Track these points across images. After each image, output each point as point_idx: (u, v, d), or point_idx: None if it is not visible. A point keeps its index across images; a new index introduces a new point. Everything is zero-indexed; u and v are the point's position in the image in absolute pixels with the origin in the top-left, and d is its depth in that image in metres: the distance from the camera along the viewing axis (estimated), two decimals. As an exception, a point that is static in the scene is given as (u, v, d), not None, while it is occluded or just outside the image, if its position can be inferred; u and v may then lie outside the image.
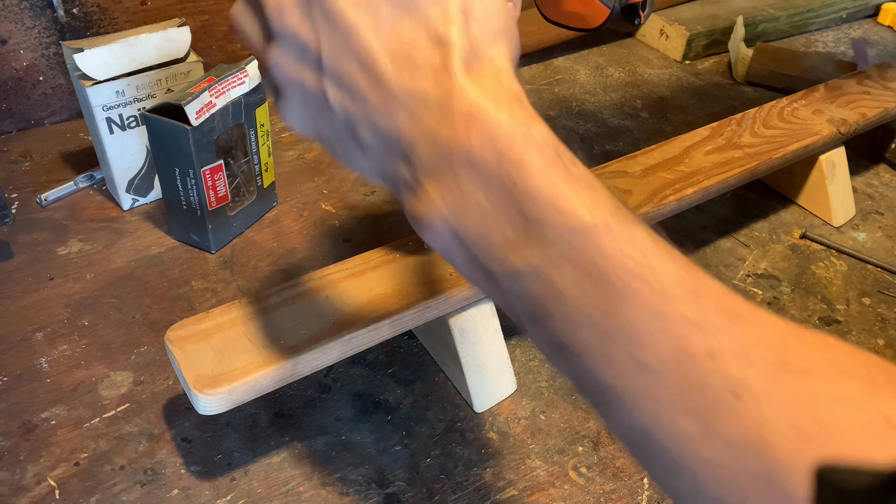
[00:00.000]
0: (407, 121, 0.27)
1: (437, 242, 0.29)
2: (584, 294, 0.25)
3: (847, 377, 0.24)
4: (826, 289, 0.67)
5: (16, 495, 0.46)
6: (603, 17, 0.51)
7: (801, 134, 0.69)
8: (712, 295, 0.25)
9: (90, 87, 0.61)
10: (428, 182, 0.27)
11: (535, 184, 0.26)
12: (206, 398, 0.42)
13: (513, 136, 0.26)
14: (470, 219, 0.27)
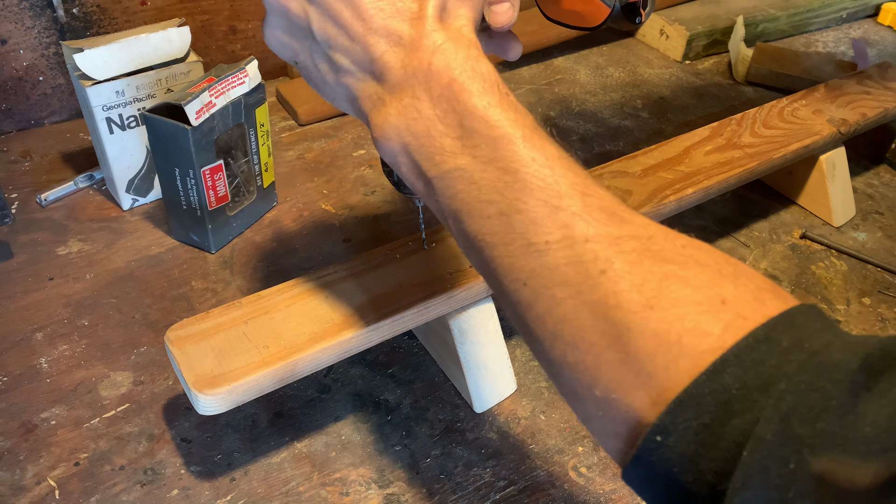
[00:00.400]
0: (383, 50, 0.34)
1: (388, 151, 0.35)
2: (496, 190, 0.32)
3: (698, 266, 0.29)
4: (826, 289, 0.67)
5: (16, 495, 0.46)
6: (603, 15, 0.51)
7: (801, 134, 0.69)
8: (599, 198, 0.31)
9: (90, 87, 0.61)
10: (391, 99, 0.34)
11: (474, 102, 0.32)
12: (206, 398, 0.42)
13: (464, 66, 0.33)
14: (418, 128, 0.33)
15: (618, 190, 0.59)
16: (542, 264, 0.31)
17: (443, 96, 0.33)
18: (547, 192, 0.31)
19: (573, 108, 0.91)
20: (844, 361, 0.25)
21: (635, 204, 0.58)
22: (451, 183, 0.33)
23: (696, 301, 0.28)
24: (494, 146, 0.32)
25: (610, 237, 0.30)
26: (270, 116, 0.83)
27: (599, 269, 0.29)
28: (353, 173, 0.77)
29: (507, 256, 0.32)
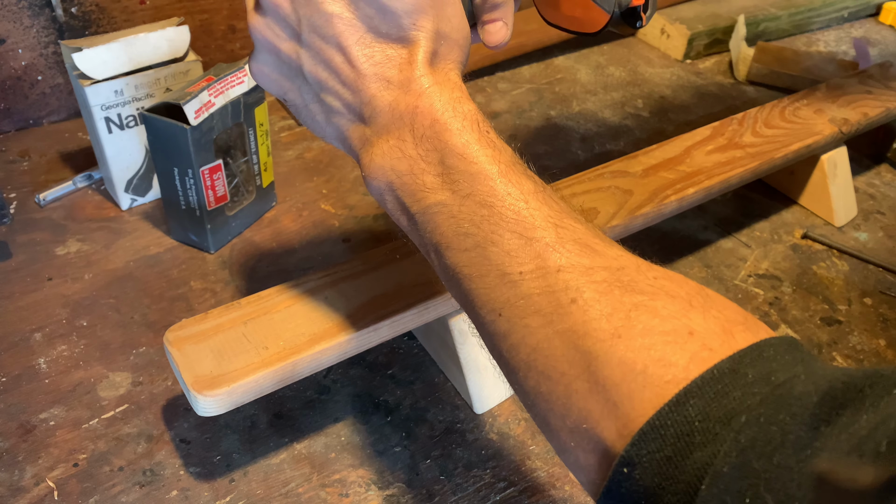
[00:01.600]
0: (372, 95, 0.35)
1: (375, 189, 0.36)
2: (474, 223, 0.33)
3: (668, 297, 0.29)
4: (827, 289, 0.66)
5: (14, 496, 0.46)
6: (603, 21, 0.51)
7: (802, 133, 0.68)
8: (572, 230, 0.32)
9: (89, 86, 0.61)
10: (378, 140, 0.36)
11: (454, 140, 0.34)
12: (205, 399, 0.42)
13: (445, 108, 0.35)
14: (402, 167, 0.35)
15: (619, 190, 0.59)
16: (516, 294, 0.31)
17: (425, 136, 0.34)
18: (521, 225, 0.32)
19: (574, 107, 0.91)
20: (806, 394, 0.25)
21: (636, 204, 0.57)
22: (431, 217, 0.34)
23: (663, 331, 0.28)
24: (472, 181, 0.33)
25: (581, 267, 0.31)
26: (270, 116, 0.83)
27: (570, 299, 0.30)
28: (353, 173, 0.76)
29: (483, 288, 0.33)
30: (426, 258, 0.37)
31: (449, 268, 0.34)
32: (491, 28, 0.41)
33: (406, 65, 0.35)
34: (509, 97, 0.92)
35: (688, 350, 0.27)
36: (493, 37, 0.41)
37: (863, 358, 0.60)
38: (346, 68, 0.35)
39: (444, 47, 0.36)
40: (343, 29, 0.34)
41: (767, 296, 0.65)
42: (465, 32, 0.37)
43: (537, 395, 0.31)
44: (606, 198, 0.58)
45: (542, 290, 0.31)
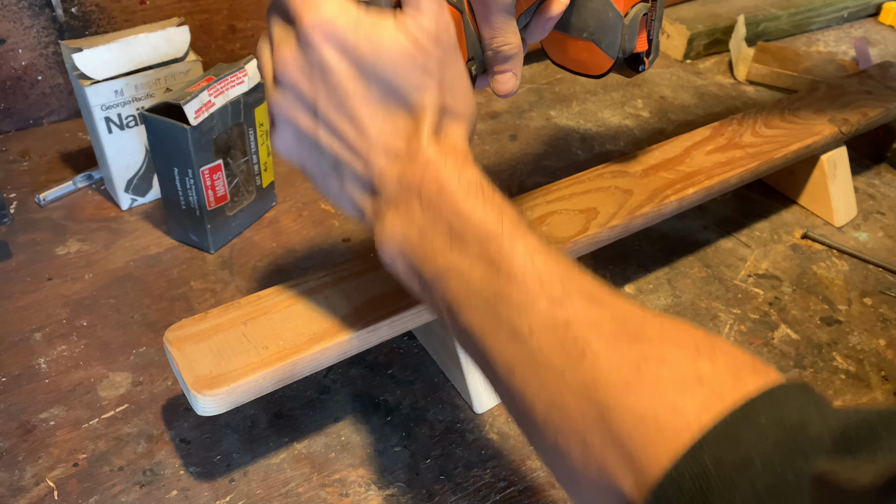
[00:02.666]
0: (381, 167, 0.37)
1: (387, 257, 0.38)
2: (483, 282, 0.34)
3: (675, 345, 0.30)
4: (827, 289, 0.66)
5: (14, 496, 0.46)
6: (607, 66, 0.53)
7: (802, 134, 0.68)
8: (578, 283, 0.33)
9: (89, 86, 0.61)
10: (388, 209, 0.37)
11: (460, 206, 0.35)
12: (205, 399, 0.42)
13: (450, 176, 0.36)
14: (412, 234, 0.36)
15: (618, 190, 0.59)
16: (527, 349, 0.32)
17: (432, 202, 0.36)
18: (529, 281, 0.33)
19: (573, 107, 0.91)
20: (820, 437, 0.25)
21: (636, 204, 0.58)
22: (442, 279, 0.36)
23: (673, 379, 0.28)
24: (479, 243, 0.35)
25: (589, 320, 0.31)
26: (270, 116, 0.83)
27: (580, 352, 0.30)
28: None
29: (496, 346, 0.33)
30: (441, 321, 0.37)
31: (462, 328, 0.35)
32: (501, 79, 0.44)
33: (413, 137, 0.37)
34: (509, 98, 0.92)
35: (698, 397, 0.27)
36: (503, 86, 0.44)
37: (862, 358, 0.60)
38: (358, 142, 0.37)
39: (449, 118, 0.38)
40: (356, 105, 0.36)
41: (767, 296, 0.65)
42: (470, 105, 0.39)
43: (556, 451, 0.31)
44: (606, 198, 0.58)
45: (553, 345, 0.31)
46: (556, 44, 0.54)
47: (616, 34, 0.51)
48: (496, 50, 0.43)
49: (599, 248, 0.57)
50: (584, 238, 0.54)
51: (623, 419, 0.28)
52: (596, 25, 0.51)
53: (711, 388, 0.27)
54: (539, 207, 0.57)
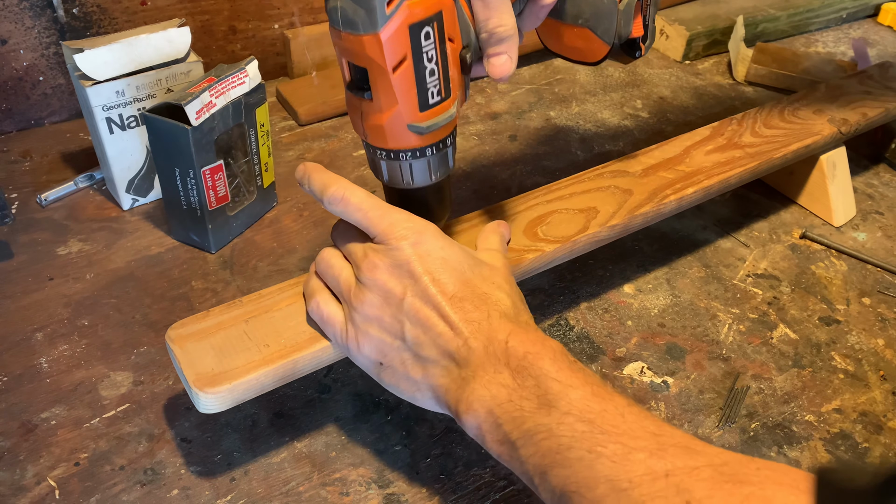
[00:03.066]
0: (466, 338, 0.41)
1: (473, 422, 0.40)
2: (576, 439, 0.35)
3: (775, 485, 0.31)
4: (826, 289, 0.67)
5: (15, 495, 0.46)
6: (603, 52, 0.52)
7: (801, 134, 0.69)
8: (670, 436, 0.34)
9: (90, 87, 0.61)
10: (474, 376, 0.40)
11: (547, 367, 0.38)
12: (207, 397, 0.42)
13: (535, 340, 0.40)
14: (501, 396, 0.38)
15: (618, 189, 0.59)
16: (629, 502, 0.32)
17: (521, 366, 0.39)
18: (624, 437, 0.34)
19: (573, 108, 0.91)
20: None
21: (636, 203, 0.58)
22: (532, 439, 0.37)
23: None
24: (569, 401, 0.36)
25: (687, 468, 0.32)
26: (270, 116, 0.83)
27: (684, 501, 0.31)
28: (353, 173, 0.77)
29: (593, 501, 0.34)
30: (529, 486, 0.38)
31: (556, 488, 0.36)
32: (496, 61, 0.44)
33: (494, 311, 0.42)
34: (509, 98, 0.92)
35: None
36: (497, 69, 0.44)
37: (861, 357, 0.60)
38: (441, 323, 0.41)
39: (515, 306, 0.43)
40: (438, 295, 0.41)
41: (766, 296, 0.65)
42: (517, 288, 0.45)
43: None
44: (606, 197, 0.58)
45: (654, 496, 0.32)
46: (551, 32, 0.54)
47: (611, 20, 0.51)
48: (491, 31, 0.42)
49: (599, 247, 0.57)
50: (584, 237, 0.55)
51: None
52: (591, 12, 0.50)
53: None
54: (539, 207, 0.57)
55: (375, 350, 0.43)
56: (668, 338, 0.60)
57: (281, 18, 0.90)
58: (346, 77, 0.42)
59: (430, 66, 0.41)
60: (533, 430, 0.37)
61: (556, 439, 0.36)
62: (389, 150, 0.44)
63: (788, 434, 0.53)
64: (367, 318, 0.43)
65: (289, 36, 0.89)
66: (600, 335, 0.60)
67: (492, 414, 0.38)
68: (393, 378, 0.43)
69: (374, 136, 0.43)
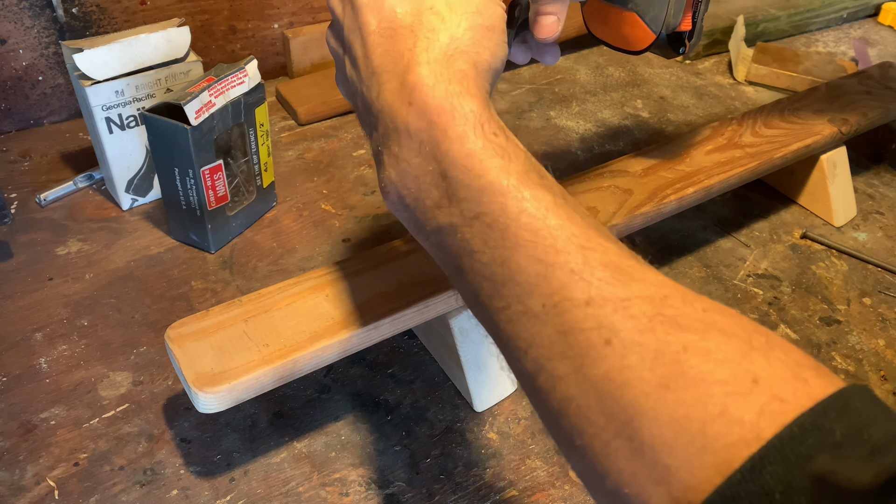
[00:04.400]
0: (377, 92, 0.31)
1: (390, 204, 0.33)
2: (487, 247, 0.28)
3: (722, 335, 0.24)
4: (827, 289, 0.66)
5: (15, 496, 0.46)
6: (648, 41, 0.51)
7: (802, 134, 0.69)
8: (602, 252, 0.27)
9: (89, 86, 0.61)
10: (383, 149, 0.32)
11: (455, 149, 0.29)
12: (206, 396, 0.42)
13: (443, 106, 0.29)
14: (409, 182, 0.31)
15: (618, 189, 0.59)
16: (540, 332, 0.27)
17: (423, 143, 0.30)
18: (540, 248, 0.27)
19: (573, 107, 0.91)
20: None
21: (636, 203, 0.58)
22: (443, 239, 0.30)
23: (721, 379, 0.23)
24: (479, 198, 0.29)
25: (615, 299, 0.26)
26: (270, 116, 0.83)
27: (603, 339, 0.25)
28: (353, 173, 0.77)
29: (505, 322, 0.28)
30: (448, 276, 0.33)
31: (468, 296, 0.31)
32: (545, 21, 0.39)
33: (408, 52, 0.31)
34: (509, 97, 0.92)
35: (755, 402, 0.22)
36: (545, 29, 0.39)
37: (862, 358, 0.60)
38: (363, 63, 0.32)
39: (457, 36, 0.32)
40: (367, 19, 0.32)
41: (766, 296, 0.65)
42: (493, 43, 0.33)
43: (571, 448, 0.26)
44: (606, 197, 0.58)
45: (570, 328, 0.26)
46: (597, 14, 0.52)
47: (661, 7, 0.49)
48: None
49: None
50: (584, 237, 0.54)
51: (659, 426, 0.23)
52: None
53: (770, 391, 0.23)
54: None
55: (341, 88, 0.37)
56: (669, 338, 0.60)
57: (280, 18, 0.90)
58: None
59: None
60: (442, 230, 0.30)
61: (466, 245, 0.29)
62: None
63: (789, 434, 0.53)
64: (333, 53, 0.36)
65: (288, 36, 0.89)
66: (600, 335, 0.60)
67: (403, 202, 0.31)
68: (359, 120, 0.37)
69: None
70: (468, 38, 0.32)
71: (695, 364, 0.24)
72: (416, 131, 0.30)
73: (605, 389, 0.25)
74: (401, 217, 0.33)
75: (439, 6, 0.32)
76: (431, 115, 0.29)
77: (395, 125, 0.31)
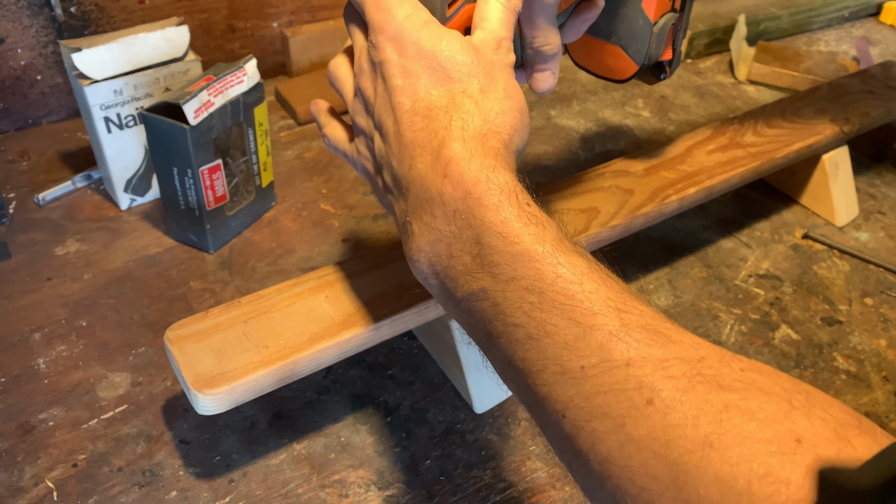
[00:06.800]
0: (409, 164, 0.33)
1: (419, 273, 0.34)
2: (522, 311, 0.29)
3: (762, 394, 0.25)
4: (828, 289, 0.66)
5: (13, 497, 0.46)
6: (631, 71, 0.54)
7: (803, 133, 0.68)
8: (638, 315, 0.28)
9: (88, 86, 0.61)
10: (414, 219, 0.33)
11: (490, 217, 0.31)
12: (206, 398, 0.42)
13: (478, 178, 0.31)
14: (441, 248, 0.32)
15: (619, 189, 0.59)
16: (579, 393, 0.27)
17: (458, 212, 0.31)
18: (578, 311, 0.28)
19: (574, 107, 0.91)
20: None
21: (637, 203, 0.57)
22: (475, 305, 0.31)
23: (764, 439, 0.23)
24: (515, 264, 0.30)
25: (655, 360, 0.26)
26: (269, 115, 0.83)
27: (645, 399, 0.26)
28: (353, 173, 0.76)
29: (541, 385, 0.29)
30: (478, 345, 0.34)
31: (501, 361, 0.31)
32: (540, 77, 0.43)
33: (443, 130, 0.33)
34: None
35: (800, 463, 0.22)
36: (541, 84, 0.43)
37: (863, 358, 0.60)
38: (394, 139, 0.34)
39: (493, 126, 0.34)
40: (401, 100, 0.34)
41: (768, 296, 0.65)
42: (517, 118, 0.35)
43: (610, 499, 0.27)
44: (607, 197, 0.58)
45: (610, 389, 0.26)
46: (583, 47, 0.55)
47: (644, 41, 0.52)
48: (537, 49, 0.42)
49: (600, 247, 0.57)
50: (585, 237, 0.54)
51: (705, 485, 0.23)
52: (626, 31, 0.52)
53: (814, 452, 0.23)
54: (539, 207, 0.57)
55: (361, 167, 0.39)
56: (670, 338, 0.60)
57: (280, 17, 0.90)
58: None
59: None
60: (475, 295, 0.31)
61: (500, 310, 0.30)
62: None
63: (791, 435, 0.53)
64: (357, 129, 0.38)
65: (287, 35, 0.89)
66: (601, 336, 0.60)
67: (434, 269, 0.33)
68: (376, 194, 0.39)
69: None
70: (500, 121, 0.34)
71: (737, 423, 0.24)
72: (451, 200, 0.31)
73: (649, 448, 0.25)
74: (429, 285, 0.34)
75: (472, 90, 0.34)
76: (467, 186, 0.31)
77: (428, 195, 0.32)
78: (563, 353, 0.28)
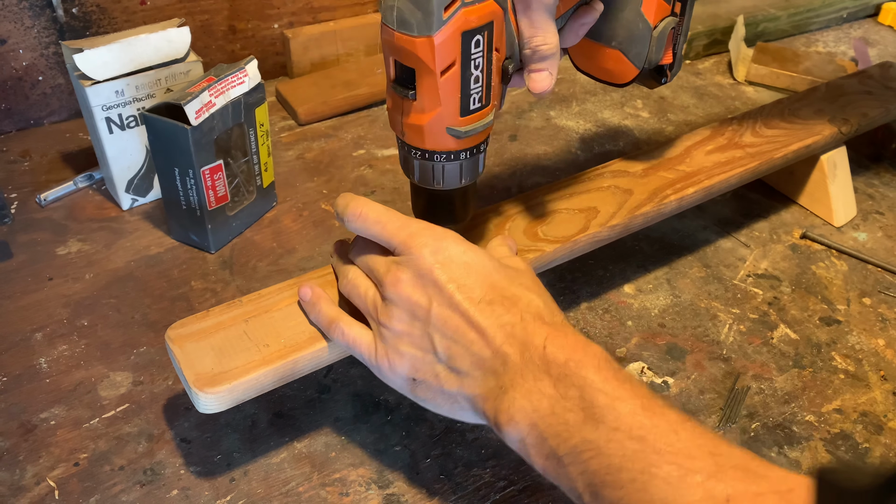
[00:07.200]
0: (500, 345, 0.38)
1: (515, 434, 0.37)
2: (626, 457, 0.33)
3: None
4: (826, 289, 0.66)
5: (15, 496, 0.46)
6: (632, 75, 0.54)
7: (802, 134, 0.69)
8: (728, 455, 0.32)
9: (89, 86, 0.61)
10: (513, 385, 0.37)
11: (591, 377, 0.36)
12: (207, 397, 0.42)
13: (575, 345, 0.37)
14: (543, 407, 0.36)
15: (618, 189, 0.59)
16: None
17: (562, 374, 0.36)
18: (678, 456, 0.32)
19: (573, 107, 0.91)
20: None
21: (636, 203, 0.58)
22: (579, 456, 0.35)
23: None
24: (617, 416, 0.34)
25: (749, 495, 0.30)
26: (270, 116, 0.83)
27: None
28: (353, 173, 0.77)
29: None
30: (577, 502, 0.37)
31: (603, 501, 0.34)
32: (537, 77, 0.44)
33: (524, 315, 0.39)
34: (509, 97, 0.92)
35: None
36: (539, 84, 0.44)
37: (861, 358, 0.60)
38: (471, 331, 0.39)
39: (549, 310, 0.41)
40: (462, 301, 0.39)
41: (766, 296, 0.65)
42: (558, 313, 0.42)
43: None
44: (606, 197, 0.58)
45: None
46: (583, 50, 0.55)
47: (644, 45, 0.52)
48: (534, 49, 0.43)
49: (599, 247, 0.57)
50: (584, 237, 0.54)
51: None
52: (625, 35, 0.52)
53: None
54: (539, 207, 0.57)
55: (408, 366, 0.41)
56: (669, 338, 0.60)
57: (280, 18, 0.90)
58: (390, 75, 0.43)
59: (475, 72, 0.41)
60: (580, 447, 0.35)
61: (605, 458, 0.34)
62: (425, 150, 0.44)
63: (789, 434, 0.53)
64: (397, 334, 0.41)
65: (288, 35, 0.89)
66: (600, 335, 0.60)
67: (535, 427, 0.36)
68: (428, 393, 0.42)
69: (412, 135, 0.44)
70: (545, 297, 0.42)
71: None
72: (554, 366, 0.37)
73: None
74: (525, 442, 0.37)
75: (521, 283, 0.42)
76: (568, 352, 0.37)
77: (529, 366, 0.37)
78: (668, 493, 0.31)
